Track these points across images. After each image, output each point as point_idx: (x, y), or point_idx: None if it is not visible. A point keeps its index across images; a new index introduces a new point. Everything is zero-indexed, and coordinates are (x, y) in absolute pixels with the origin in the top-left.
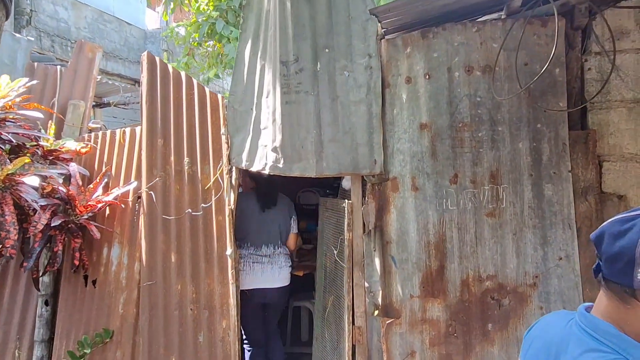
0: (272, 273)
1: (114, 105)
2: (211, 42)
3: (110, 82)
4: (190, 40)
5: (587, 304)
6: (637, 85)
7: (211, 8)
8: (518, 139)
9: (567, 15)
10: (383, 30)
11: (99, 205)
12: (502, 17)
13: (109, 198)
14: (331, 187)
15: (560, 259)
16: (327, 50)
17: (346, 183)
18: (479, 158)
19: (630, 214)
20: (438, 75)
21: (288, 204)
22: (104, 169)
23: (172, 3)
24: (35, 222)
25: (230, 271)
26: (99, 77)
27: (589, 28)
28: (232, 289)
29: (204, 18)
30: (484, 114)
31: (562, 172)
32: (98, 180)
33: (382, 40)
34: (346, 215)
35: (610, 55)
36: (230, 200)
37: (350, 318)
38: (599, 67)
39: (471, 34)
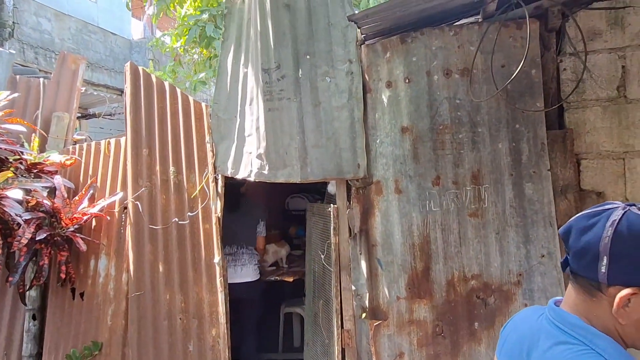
0: (234, 270)
1: (101, 117)
2: (197, 49)
3: (95, 93)
4: (178, 46)
5: (557, 298)
6: (610, 84)
7: (197, 13)
8: (498, 139)
9: (541, 17)
10: (363, 36)
11: (85, 218)
12: (479, 20)
13: (95, 210)
14: (319, 192)
15: (543, 256)
16: (308, 56)
17: (331, 188)
18: (460, 159)
19: (596, 209)
20: (417, 79)
21: (256, 208)
22: (89, 181)
23: (156, 8)
24: (20, 236)
25: (218, 279)
26: (83, 88)
27: (563, 30)
28: (220, 296)
29: (193, 22)
30: (463, 116)
31: (541, 171)
32: (83, 192)
33: (362, 46)
34: (332, 219)
35: (585, 56)
36: (216, 208)
37: (339, 322)
38: (574, 68)
39: (449, 37)
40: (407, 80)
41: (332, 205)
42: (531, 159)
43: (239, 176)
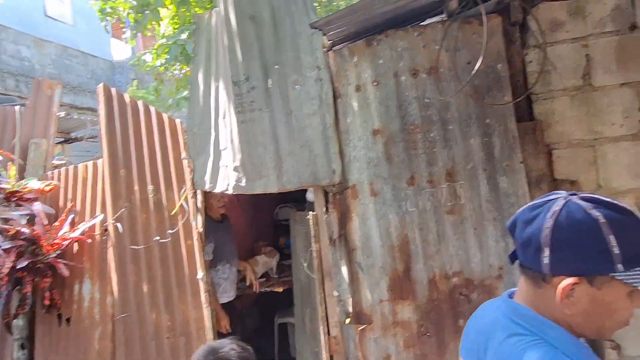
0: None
1: (85, 140)
2: (178, 65)
3: (76, 117)
4: (158, 64)
5: (511, 290)
6: (576, 73)
7: (175, 31)
8: (469, 135)
9: (503, 12)
10: (330, 42)
11: (66, 243)
12: (444, 19)
13: (76, 234)
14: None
15: None
16: (276, 66)
17: (310, 195)
18: (433, 158)
19: (540, 201)
20: (385, 81)
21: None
22: (69, 205)
23: (132, 31)
24: (0, 265)
25: (203, 295)
26: (61, 113)
27: (526, 23)
28: (206, 312)
29: (173, 42)
30: (433, 115)
31: (514, 164)
32: (64, 217)
33: (330, 52)
34: (312, 226)
35: (545, 47)
36: (197, 223)
37: (326, 328)
38: (539, 60)
39: (413, 38)
40: (375, 83)
41: (310, 212)
42: (504, 152)
43: (217, 190)
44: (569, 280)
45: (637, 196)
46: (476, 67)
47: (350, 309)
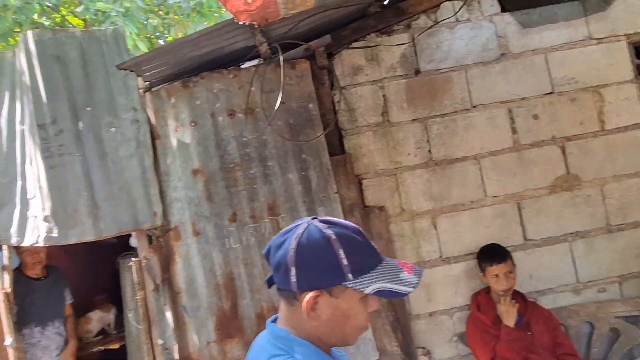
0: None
1: None
2: None
3: None
4: None
5: (276, 315)
6: (376, 111)
7: None
8: (288, 170)
9: (311, 57)
10: (147, 83)
11: None
12: (260, 63)
13: None
14: None
15: None
16: (88, 108)
17: (133, 241)
18: (254, 194)
19: (288, 227)
20: (203, 121)
21: (61, 273)
22: None
23: None
24: None
25: None
26: None
27: (333, 67)
28: None
29: None
30: (252, 152)
31: (330, 194)
32: None
33: (147, 93)
34: (134, 274)
35: (348, 89)
36: (3, 283)
37: None
38: (346, 99)
39: (229, 80)
40: (193, 124)
41: (133, 258)
42: (320, 184)
43: (26, 243)
44: (311, 294)
45: (432, 216)
46: (276, 106)
47: (177, 356)
